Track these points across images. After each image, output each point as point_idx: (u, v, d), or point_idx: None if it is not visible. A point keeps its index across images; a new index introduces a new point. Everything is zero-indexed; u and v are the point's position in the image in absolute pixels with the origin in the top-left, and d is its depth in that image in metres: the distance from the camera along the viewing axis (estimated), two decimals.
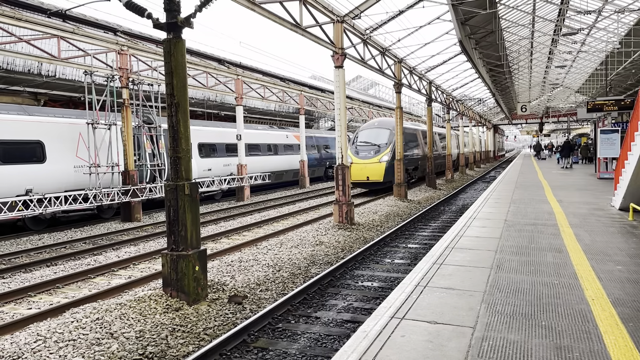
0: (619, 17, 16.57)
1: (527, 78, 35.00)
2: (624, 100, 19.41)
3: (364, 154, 21.33)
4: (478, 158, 51.50)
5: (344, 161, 13.10)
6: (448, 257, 6.18)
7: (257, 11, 10.39)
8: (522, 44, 23.94)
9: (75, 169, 14.94)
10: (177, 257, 6.50)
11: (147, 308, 6.17)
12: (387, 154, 20.96)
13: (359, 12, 13.60)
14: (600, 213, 9.60)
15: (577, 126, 67.35)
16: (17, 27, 12.83)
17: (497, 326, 3.85)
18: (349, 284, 7.88)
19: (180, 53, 6.62)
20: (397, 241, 11.37)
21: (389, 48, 18.32)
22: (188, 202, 6.57)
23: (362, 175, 20.96)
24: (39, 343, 5.20)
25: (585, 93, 37.67)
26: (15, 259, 10.48)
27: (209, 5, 6.66)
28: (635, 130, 8.98)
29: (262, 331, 5.87)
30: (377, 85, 66.89)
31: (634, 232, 7.55)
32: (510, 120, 65.91)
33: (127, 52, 15.66)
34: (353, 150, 21.85)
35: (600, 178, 17.79)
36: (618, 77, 25.95)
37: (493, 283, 5.00)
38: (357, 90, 53.33)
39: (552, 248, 6.54)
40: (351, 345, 3.59)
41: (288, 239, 11.27)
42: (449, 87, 32.47)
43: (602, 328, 3.76)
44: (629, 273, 5.24)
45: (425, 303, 4.44)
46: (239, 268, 8.61)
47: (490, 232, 7.87)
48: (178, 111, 6.54)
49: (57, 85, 18.23)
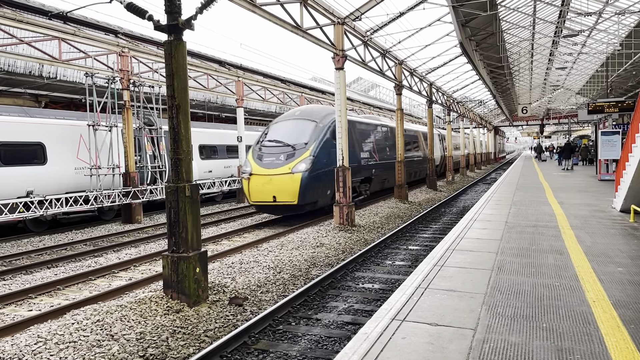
0: (619, 18, 16.56)
1: (528, 80, 35.00)
2: (625, 101, 19.41)
3: (270, 159, 13.76)
4: (479, 160, 51.47)
5: (345, 163, 13.11)
6: (449, 259, 6.17)
7: (258, 13, 10.40)
8: (523, 45, 23.95)
9: (76, 170, 14.95)
10: (177, 259, 6.49)
11: (148, 310, 6.16)
12: (305, 159, 13.41)
13: (359, 13, 13.62)
14: (601, 215, 9.59)
15: (578, 128, 67.29)
16: (18, 29, 12.85)
17: (498, 328, 3.84)
18: (350, 286, 7.87)
19: (181, 55, 6.63)
20: (398, 243, 11.36)
21: (390, 50, 18.33)
22: (189, 204, 6.57)
23: (266, 193, 13.42)
24: (39, 345, 5.19)
25: (586, 95, 37.66)
26: (16, 260, 10.48)
27: (209, 7, 6.67)
28: (636, 131, 8.97)
29: (263, 333, 5.86)
30: (377, 87, 66.93)
31: (635, 234, 7.53)
32: (511, 122, 65.94)
33: (128, 54, 15.68)
34: (255, 153, 14.27)
35: (601, 180, 17.77)
36: (619, 78, 25.93)
37: (494, 285, 4.99)
38: (358, 92, 53.34)
39: (553, 250, 6.53)
40: (352, 347, 3.58)
41: (289, 240, 11.27)
42: (450, 89, 32.49)
43: (604, 330, 3.75)
44: (630, 275, 5.23)
45: (426, 305, 4.44)
46: (239, 270, 8.61)
47: (491, 234, 7.86)
48: (179, 113, 6.55)
49: (58, 87, 18.25)
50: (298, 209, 13.66)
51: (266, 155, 13.99)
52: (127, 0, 6.59)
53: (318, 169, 13.60)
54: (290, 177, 13.23)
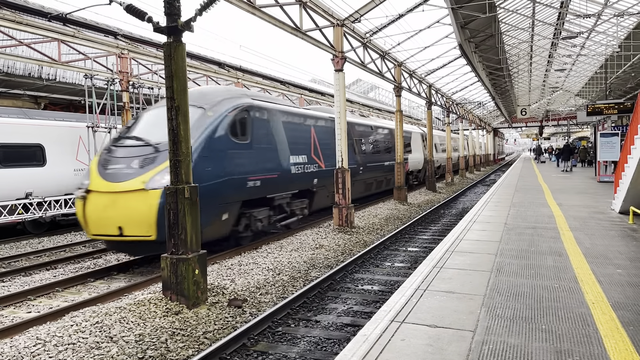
0: (618, 20, 16.61)
1: (527, 81, 35.07)
2: (624, 103, 19.45)
3: (118, 167, 8.72)
4: (478, 161, 51.53)
5: (344, 164, 13.11)
6: (448, 261, 6.17)
7: (258, 15, 10.42)
8: (522, 47, 24.01)
9: (75, 172, 14.94)
10: (177, 261, 6.49)
11: (147, 312, 6.15)
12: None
13: (358, 15, 13.65)
14: (600, 216, 9.59)
15: (577, 129, 67.41)
16: (17, 30, 12.87)
17: (497, 330, 3.84)
18: (349, 288, 7.87)
19: (180, 56, 6.63)
20: (397, 244, 11.36)
21: (389, 51, 18.36)
22: (188, 206, 6.57)
23: (108, 222, 8.34)
24: (38, 347, 5.19)
25: (585, 96, 37.74)
26: (15, 262, 10.47)
27: (209, 9, 6.67)
28: (635, 133, 8.98)
29: (262, 335, 5.86)
30: (377, 89, 67.02)
31: (634, 236, 7.54)
32: (510, 124, 66.02)
33: (127, 56, 15.70)
34: (102, 157, 9.18)
35: (600, 181, 17.79)
36: (618, 80, 26.00)
37: (493, 287, 4.99)
38: (357, 94, 53.40)
39: (552, 251, 6.54)
40: (351, 349, 3.58)
41: (288, 242, 11.26)
42: (449, 91, 32.55)
43: (603, 332, 3.75)
44: (629, 277, 5.23)
45: (426, 307, 4.44)
46: (238, 271, 8.60)
47: (491, 235, 7.87)
48: (178, 114, 6.55)
49: (58, 88, 18.26)
50: (160, 248, 7.96)
51: (114, 161, 8.82)
52: (126, 2, 6.60)
53: (202, 180, 8.57)
54: (142, 196, 8.08)
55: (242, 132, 10.39)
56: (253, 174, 10.54)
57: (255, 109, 10.99)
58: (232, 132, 10.06)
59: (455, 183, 30.90)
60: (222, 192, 9.52)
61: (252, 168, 10.55)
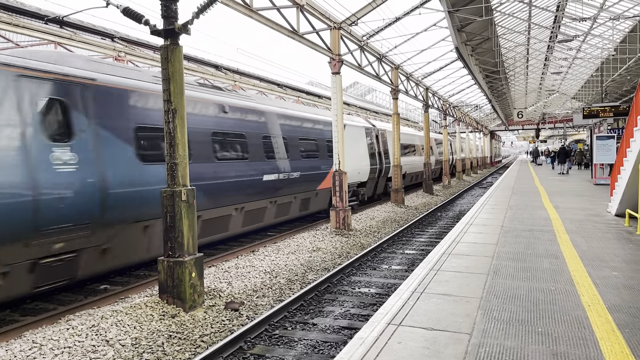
0: (614, 24, 16.71)
1: (523, 84, 35.22)
2: (620, 106, 19.56)
3: None
4: (475, 164, 51.66)
5: (341, 167, 13.12)
6: (445, 263, 6.18)
7: (255, 18, 10.43)
8: (518, 50, 24.12)
9: None
10: (173, 264, 6.47)
11: (143, 315, 6.13)
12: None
13: (355, 18, 13.69)
14: (596, 219, 9.63)
15: (574, 132, 67.70)
16: (14, 33, 12.84)
17: (493, 332, 3.85)
18: (346, 290, 7.86)
19: (177, 59, 6.64)
20: (394, 247, 11.36)
21: (386, 54, 18.40)
22: (185, 208, 6.56)
23: None
24: (34, 350, 5.16)
25: (581, 99, 37.89)
26: None
27: (206, 11, 6.68)
28: (630, 136, 9.03)
29: (259, 338, 5.85)
30: (374, 92, 67.10)
31: (630, 238, 7.57)
32: (507, 127, 66.24)
33: (124, 58, 15.68)
34: None
35: (596, 184, 17.85)
36: (613, 83, 26.13)
37: (490, 289, 5.00)
38: (354, 97, 53.48)
39: (549, 254, 6.56)
40: (348, 351, 3.58)
41: (285, 244, 11.25)
42: (446, 94, 32.65)
43: (599, 334, 3.76)
44: (625, 279, 5.25)
45: (422, 309, 4.44)
46: (235, 274, 8.58)
47: (487, 238, 7.88)
48: (175, 117, 6.55)
49: None
50: None
51: None
52: (123, 5, 6.60)
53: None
54: None
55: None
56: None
57: None
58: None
59: (452, 185, 30.96)
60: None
61: None
